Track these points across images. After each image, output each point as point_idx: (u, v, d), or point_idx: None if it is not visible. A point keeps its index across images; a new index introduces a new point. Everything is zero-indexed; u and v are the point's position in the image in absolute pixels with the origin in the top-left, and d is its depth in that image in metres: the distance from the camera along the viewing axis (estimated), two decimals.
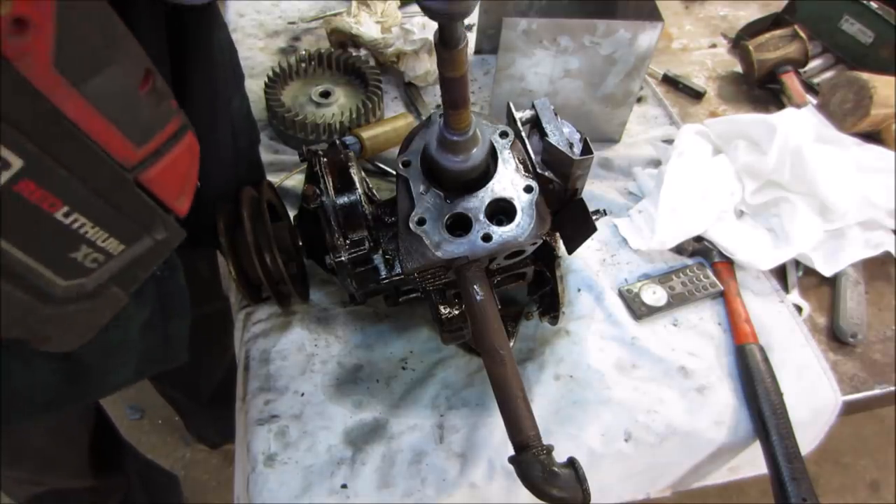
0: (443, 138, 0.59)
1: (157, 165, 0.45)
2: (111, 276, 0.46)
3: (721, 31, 1.42)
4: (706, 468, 0.87)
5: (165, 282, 0.70)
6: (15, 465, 0.98)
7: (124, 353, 0.74)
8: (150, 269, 0.50)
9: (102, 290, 0.47)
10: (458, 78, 0.51)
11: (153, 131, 0.44)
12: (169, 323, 0.76)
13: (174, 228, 0.50)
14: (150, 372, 0.83)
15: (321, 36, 1.29)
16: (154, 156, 0.45)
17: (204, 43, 0.63)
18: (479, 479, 0.73)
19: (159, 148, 0.45)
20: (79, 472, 1.08)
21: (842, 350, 0.90)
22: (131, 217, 0.45)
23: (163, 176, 0.46)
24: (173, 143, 0.46)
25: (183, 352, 0.83)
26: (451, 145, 0.59)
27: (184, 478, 1.65)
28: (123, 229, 0.45)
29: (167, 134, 0.45)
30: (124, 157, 0.42)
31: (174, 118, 0.46)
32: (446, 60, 0.49)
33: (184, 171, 0.49)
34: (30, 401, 0.72)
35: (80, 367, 0.71)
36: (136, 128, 0.42)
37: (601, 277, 0.93)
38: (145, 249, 0.48)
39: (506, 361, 0.60)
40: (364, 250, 0.72)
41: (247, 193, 0.78)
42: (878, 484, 1.80)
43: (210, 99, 0.68)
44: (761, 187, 0.99)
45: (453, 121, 0.56)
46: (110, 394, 0.83)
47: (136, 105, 0.42)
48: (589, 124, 1.08)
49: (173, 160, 0.46)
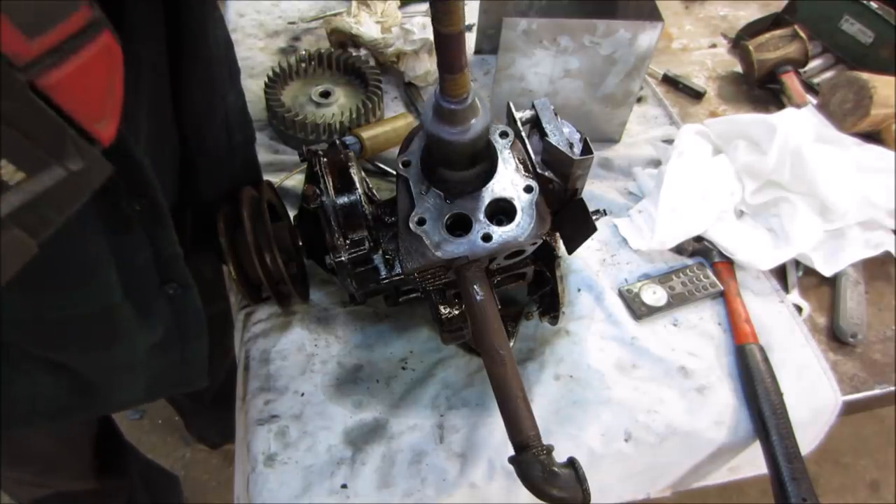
0: (439, 107, 0.55)
1: (61, 68, 0.35)
2: (10, 213, 0.36)
3: (721, 31, 1.42)
4: (706, 468, 0.87)
5: (178, 300, 0.69)
6: (17, 467, 0.98)
7: (129, 372, 0.74)
8: (66, 209, 0.40)
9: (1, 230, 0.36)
10: (454, 34, 0.47)
11: (51, 20, 0.35)
12: (186, 344, 0.76)
13: (95, 159, 0.39)
14: (167, 394, 0.82)
15: (321, 36, 1.29)
16: (55, 54, 0.35)
17: (200, 37, 0.62)
18: (479, 479, 0.73)
19: (61, 44, 0.35)
20: (82, 474, 1.08)
21: (842, 350, 0.90)
22: (31, 136, 0.35)
23: (70, 84, 0.36)
24: (83, 41, 0.36)
25: (203, 375, 0.82)
26: (448, 115, 0.55)
27: (184, 478, 1.65)
28: (21, 151, 0.35)
29: (73, 26, 0.36)
30: (11, 51, 0.33)
31: (81, 7, 0.36)
32: (441, 12, 0.46)
33: (101, 82, 0.39)
34: (31, 410, 0.72)
35: (84, 383, 0.71)
36: (27, 12, 0.33)
37: (601, 277, 0.93)
38: (55, 182, 0.37)
39: (506, 361, 0.60)
40: (364, 250, 0.72)
41: (247, 193, 0.77)
42: (878, 484, 1.80)
43: (205, 94, 0.68)
44: (761, 187, 0.99)
45: (450, 86, 0.52)
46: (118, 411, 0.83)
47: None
48: (589, 124, 1.08)
49: (84, 65, 0.37)
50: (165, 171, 0.68)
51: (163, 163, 0.66)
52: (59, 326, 0.63)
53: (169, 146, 0.68)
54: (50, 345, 0.65)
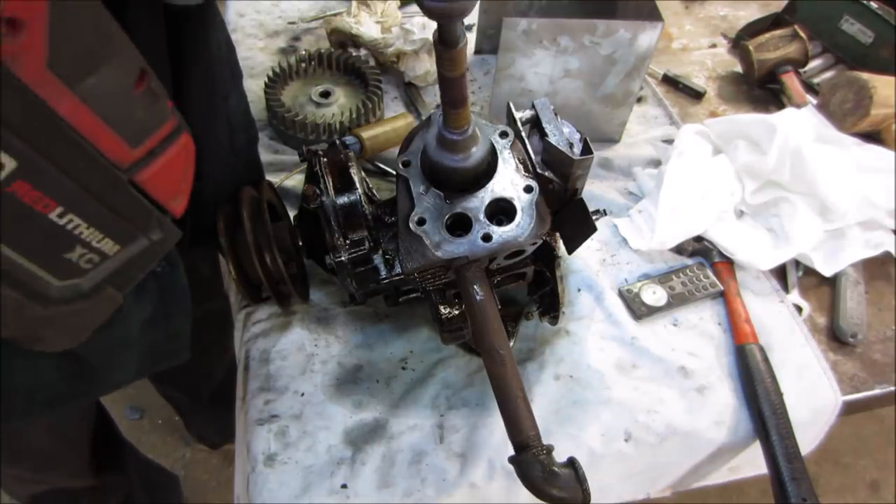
0: (442, 137, 0.59)
1: (152, 166, 0.45)
2: (106, 277, 0.46)
3: (721, 31, 1.42)
4: (706, 468, 0.87)
5: (166, 278, 0.70)
6: (15, 463, 0.98)
7: (126, 351, 0.75)
8: (146, 269, 0.50)
9: (97, 291, 0.46)
10: (457, 77, 0.51)
11: (148, 132, 0.44)
12: (171, 320, 0.76)
13: (170, 229, 0.50)
14: (153, 370, 0.83)
15: (321, 36, 1.29)
16: (149, 156, 0.45)
17: (201, 40, 0.63)
18: (479, 479, 0.73)
19: (154, 148, 0.45)
20: (79, 471, 1.08)
21: (842, 350, 0.90)
22: (126, 218, 0.45)
23: (158, 177, 0.46)
24: (168, 144, 0.46)
25: (185, 349, 0.83)
26: (450, 144, 0.59)
27: (184, 478, 1.65)
28: (118, 230, 0.45)
29: (162, 135, 0.45)
30: (119, 158, 0.42)
31: (169, 119, 0.46)
32: (445, 60, 0.49)
33: (179, 172, 0.49)
34: (31, 398, 0.72)
35: (83, 365, 0.71)
36: (131, 128, 0.42)
37: (601, 277, 0.93)
38: (140, 250, 0.48)
39: (506, 361, 0.60)
40: (364, 250, 0.72)
41: (247, 193, 0.78)
42: (878, 484, 1.80)
43: (207, 96, 0.68)
44: (761, 187, 0.99)
45: (452, 120, 0.56)
46: (112, 391, 0.83)
47: (130, 105, 0.42)
48: (589, 124, 1.08)
49: (168, 161, 0.46)
50: None
51: None
52: None
53: None
54: None
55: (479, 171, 0.63)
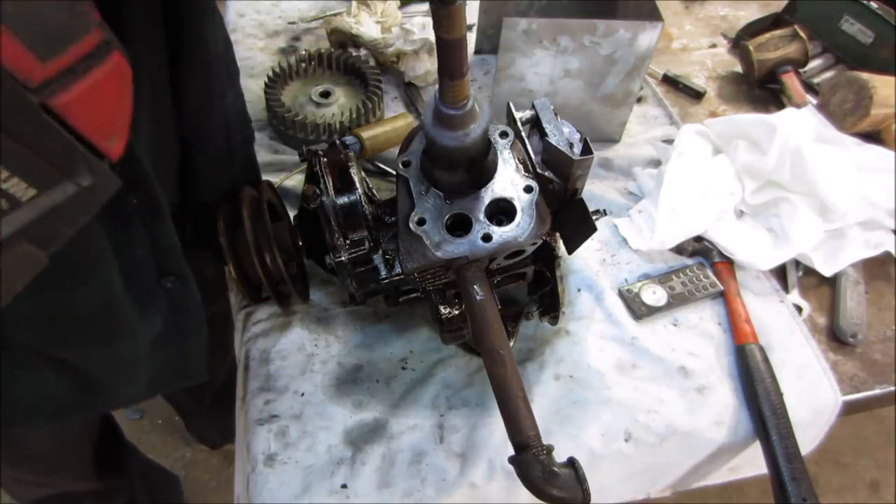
0: (439, 112, 0.54)
1: (73, 88, 0.36)
2: (20, 228, 0.37)
3: (721, 31, 1.42)
4: (706, 468, 0.87)
5: (177, 294, 0.69)
6: (19, 466, 0.98)
7: (133, 367, 0.74)
8: (76, 223, 0.41)
9: (9, 246, 0.37)
10: (455, 40, 0.47)
11: (63, 42, 0.35)
12: (185, 337, 0.76)
13: (105, 174, 0.40)
14: (168, 388, 0.82)
15: (321, 36, 1.29)
16: (67, 75, 0.36)
17: (198, 36, 0.62)
18: (479, 479, 0.73)
19: (74, 65, 0.36)
20: (83, 474, 1.08)
21: (842, 350, 0.90)
22: (42, 154, 0.36)
23: (81, 103, 0.37)
24: (94, 62, 0.37)
25: (202, 369, 0.82)
26: (448, 120, 0.55)
27: (184, 478, 1.65)
28: (32, 169, 0.36)
29: (84, 49, 0.36)
30: (25, 73, 0.33)
31: (93, 30, 0.37)
32: (443, 18, 0.45)
33: (112, 101, 0.40)
34: (33, 409, 0.72)
35: (87, 380, 0.71)
36: (40, 35, 0.34)
37: (601, 277, 0.93)
38: (66, 197, 0.38)
39: (506, 361, 0.60)
40: (364, 250, 0.72)
41: (247, 193, 0.78)
42: (878, 484, 1.80)
43: (203, 92, 0.68)
44: (761, 187, 0.99)
45: (450, 92, 0.52)
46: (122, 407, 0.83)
47: (37, 5, 0.33)
48: (589, 124, 1.08)
49: (95, 84, 0.37)
50: (165, 169, 0.68)
51: (162, 160, 0.66)
52: (62, 322, 0.63)
53: (168, 144, 0.68)
54: (53, 341, 0.65)
55: (477, 151, 0.60)
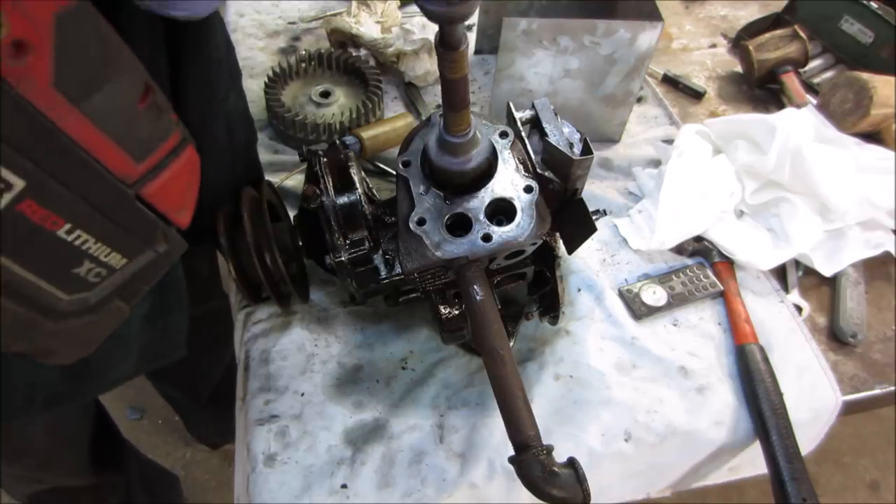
0: (442, 140, 0.58)
1: (158, 180, 0.45)
2: (114, 290, 0.47)
3: (721, 31, 1.42)
4: (706, 468, 0.87)
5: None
6: (15, 462, 0.98)
7: (125, 348, 0.75)
8: (152, 281, 0.51)
9: (105, 304, 0.47)
10: (458, 80, 0.51)
11: (153, 146, 0.44)
12: (167, 316, 0.77)
13: (175, 240, 0.50)
14: (151, 367, 0.83)
15: (321, 36, 1.29)
16: (155, 170, 0.45)
17: (201, 40, 0.63)
18: (479, 479, 0.73)
19: (160, 162, 0.45)
20: (79, 470, 1.08)
21: (842, 350, 0.90)
22: (133, 232, 0.45)
23: (164, 190, 0.46)
24: (174, 157, 0.46)
25: (182, 345, 0.83)
26: (450, 147, 0.59)
27: (184, 478, 1.65)
28: (125, 244, 0.45)
29: (167, 148, 0.45)
30: (125, 173, 0.42)
31: (174, 132, 0.46)
32: (447, 62, 0.49)
33: (184, 184, 0.49)
34: (31, 397, 0.72)
35: (82, 364, 0.71)
36: (137, 143, 0.42)
37: (601, 277, 0.93)
38: (147, 262, 0.48)
39: (506, 361, 0.60)
40: (364, 250, 0.72)
41: (247, 194, 0.78)
42: (878, 484, 1.81)
43: (206, 95, 0.68)
44: (761, 187, 0.99)
45: (453, 122, 0.56)
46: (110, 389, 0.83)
47: (135, 121, 0.42)
48: (589, 124, 1.08)
49: (174, 174, 0.46)
50: None
51: None
52: None
53: None
54: None
55: (479, 173, 0.63)
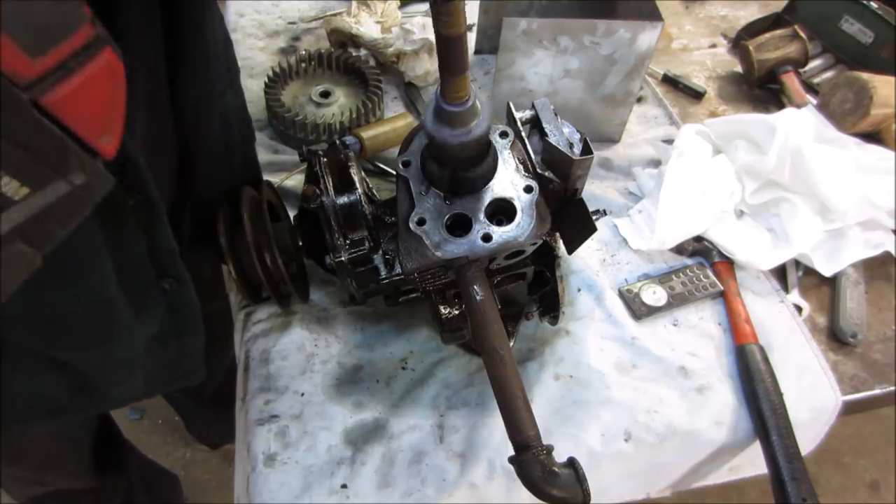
0: (440, 110, 0.54)
1: (64, 85, 0.36)
2: (14, 228, 0.37)
3: (721, 31, 1.42)
4: (706, 468, 0.87)
5: (174, 296, 0.69)
6: (16, 464, 0.98)
7: (129, 368, 0.74)
8: (69, 222, 0.40)
9: (4, 245, 0.37)
10: (456, 36, 0.47)
11: (54, 38, 0.35)
12: (181, 339, 0.76)
13: (99, 172, 0.40)
14: (164, 389, 0.82)
15: (321, 36, 1.29)
16: (58, 72, 0.35)
17: (198, 33, 0.62)
18: (479, 479, 0.73)
19: (65, 62, 0.36)
20: (80, 472, 1.08)
21: (842, 350, 0.90)
22: (34, 152, 0.36)
23: (73, 100, 0.37)
24: (85, 59, 0.37)
25: (199, 369, 0.82)
26: (449, 117, 0.54)
27: (184, 478, 1.65)
28: (24, 167, 0.35)
29: (75, 45, 0.36)
30: (15, 70, 0.33)
31: (84, 24, 0.36)
32: (443, 15, 0.45)
33: (104, 98, 0.39)
34: (31, 409, 0.72)
35: (83, 380, 0.71)
36: (30, 32, 0.33)
37: (601, 277, 0.93)
38: (59, 196, 0.38)
39: (506, 361, 0.59)
40: (364, 250, 0.72)
41: (247, 194, 0.77)
42: (878, 484, 1.80)
43: (202, 90, 0.67)
44: (761, 187, 0.99)
45: (451, 89, 0.51)
46: (116, 408, 0.83)
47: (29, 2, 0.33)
48: (589, 124, 1.08)
49: (87, 81, 0.37)
50: (163, 169, 0.68)
51: (160, 160, 0.66)
52: (58, 322, 0.63)
53: (167, 144, 0.68)
54: (49, 341, 0.65)
55: (479, 149, 0.60)
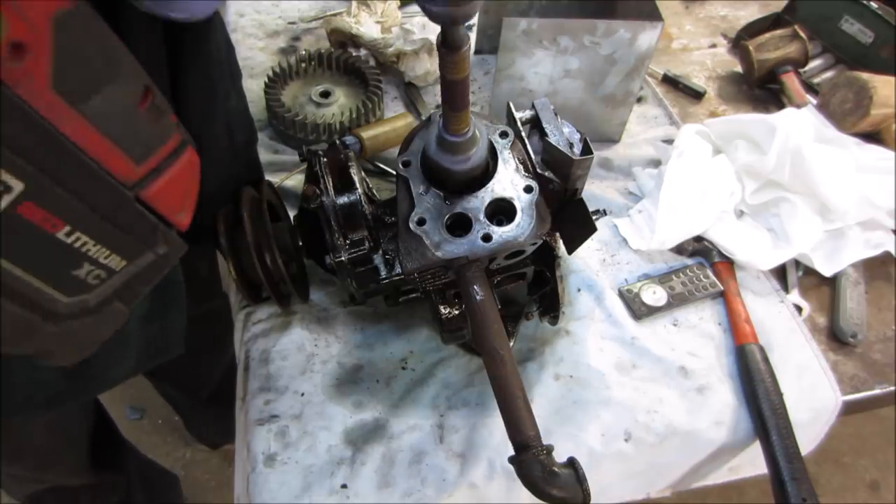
0: (442, 139, 0.59)
1: (158, 182, 0.45)
2: (113, 292, 0.47)
3: (721, 31, 1.42)
4: (706, 468, 0.87)
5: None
6: (15, 461, 0.98)
7: (124, 348, 0.75)
8: (152, 282, 0.50)
9: (105, 306, 0.47)
10: (459, 81, 0.51)
11: (153, 148, 0.44)
12: (166, 315, 0.77)
13: (175, 242, 0.50)
14: (150, 365, 0.83)
15: (321, 36, 1.29)
16: (154, 172, 0.45)
17: (201, 40, 0.63)
18: (479, 479, 0.73)
19: (160, 164, 0.45)
20: (78, 469, 1.08)
21: (842, 350, 0.90)
22: (133, 234, 0.45)
23: (164, 192, 0.46)
24: (174, 159, 0.46)
25: (180, 343, 0.83)
26: (450, 146, 0.59)
27: (184, 478, 1.65)
28: (125, 246, 0.45)
29: (167, 150, 0.45)
30: (125, 176, 0.42)
31: (174, 134, 0.46)
32: (448, 63, 0.49)
33: (184, 187, 0.49)
34: (30, 397, 0.72)
35: (81, 363, 0.71)
36: (136, 145, 0.42)
37: (601, 277, 0.93)
38: (147, 264, 0.48)
39: (506, 361, 0.60)
40: (364, 250, 0.72)
41: (247, 194, 0.78)
42: (878, 484, 1.81)
43: (206, 96, 0.68)
44: (761, 187, 0.99)
45: (453, 122, 0.56)
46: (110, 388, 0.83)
47: (135, 122, 0.42)
48: (589, 124, 1.08)
49: (174, 176, 0.46)
50: None
51: None
52: None
53: None
54: None
55: (478, 172, 0.63)
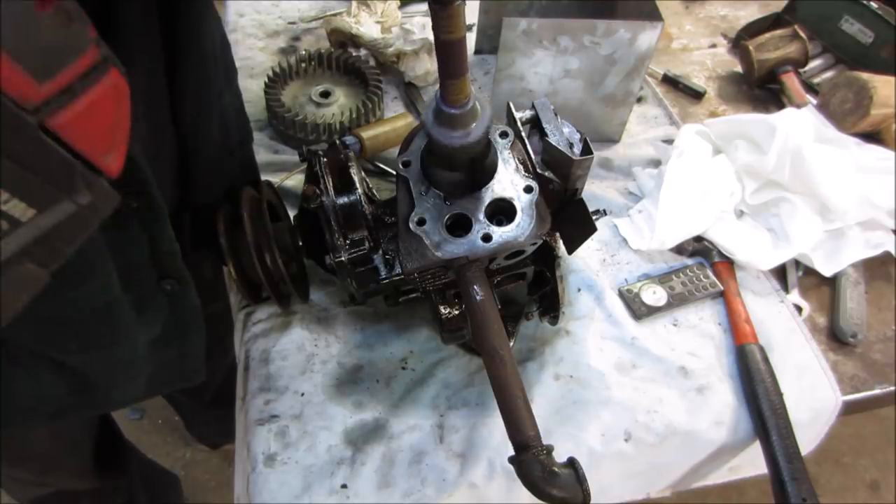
0: (440, 112, 0.55)
1: (71, 108, 0.36)
2: (22, 249, 0.37)
3: (721, 31, 1.42)
4: (706, 468, 0.87)
5: (176, 297, 0.69)
6: (17, 465, 0.98)
7: (131, 370, 0.74)
8: (75, 240, 0.40)
9: (12, 266, 0.37)
10: (455, 41, 0.47)
11: (61, 63, 0.35)
12: (183, 340, 0.76)
13: (104, 191, 0.40)
14: (165, 390, 0.82)
15: (321, 36, 1.29)
16: (64, 95, 0.35)
17: (195, 35, 0.62)
18: (479, 479, 0.73)
19: (71, 85, 0.36)
20: (82, 473, 1.08)
21: (842, 350, 0.90)
22: (41, 174, 0.36)
23: (79, 122, 0.37)
24: (91, 81, 0.37)
25: (200, 370, 0.82)
26: (449, 119, 0.55)
27: (184, 478, 1.65)
28: (32, 189, 0.35)
29: (81, 68, 0.36)
30: (22, 95, 0.33)
31: (90, 48, 0.37)
32: (442, 19, 0.45)
33: (109, 119, 0.40)
34: (33, 409, 0.72)
35: (85, 382, 0.71)
36: (36, 57, 0.33)
37: (601, 277, 0.93)
38: (66, 216, 0.38)
39: (506, 361, 0.59)
40: (364, 250, 0.72)
41: (247, 194, 0.77)
42: (878, 484, 1.81)
43: (200, 91, 0.67)
44: (761, 187, 0.99)
45: (451, 91, 0.52)
46: (117, 408, 0.83)
47: (31, 26, 0.33)
48: (589, 124, 1.08)
49: (92, 102, 0.37)
50: (163, 170, 0.68)
51: (160, 161, 0.66)
52: (61, 325, 0.63)
53: (166, 145, 0.68)
54: (51, 343, 0.65)
55: (479, 150, 0.60)
